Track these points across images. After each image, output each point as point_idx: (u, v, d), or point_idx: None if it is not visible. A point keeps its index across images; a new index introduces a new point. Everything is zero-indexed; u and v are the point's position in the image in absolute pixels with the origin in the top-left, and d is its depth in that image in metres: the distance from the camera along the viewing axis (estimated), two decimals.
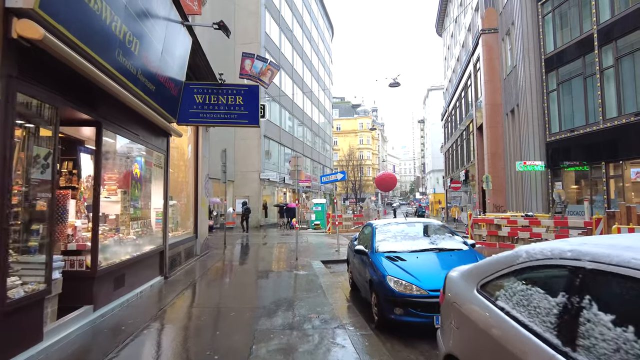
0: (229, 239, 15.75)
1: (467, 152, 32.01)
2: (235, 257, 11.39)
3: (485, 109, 24.56)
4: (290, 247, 13.28)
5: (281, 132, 30.23)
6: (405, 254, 5.13)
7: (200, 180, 10.54)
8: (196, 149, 10.55)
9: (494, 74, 24.20)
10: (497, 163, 23.74)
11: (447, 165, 45.88)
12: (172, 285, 7.18)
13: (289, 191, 32.94)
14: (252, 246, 14.45)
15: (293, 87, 33.68)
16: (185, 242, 9.34)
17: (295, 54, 34.55)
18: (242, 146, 26.49)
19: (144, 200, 6.97)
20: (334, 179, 12.26)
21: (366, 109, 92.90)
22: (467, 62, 29.85)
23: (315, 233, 20.73)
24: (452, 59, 40.67)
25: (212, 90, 7.49)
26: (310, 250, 12.56)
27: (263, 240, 16.31)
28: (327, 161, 48.87)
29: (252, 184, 26.18)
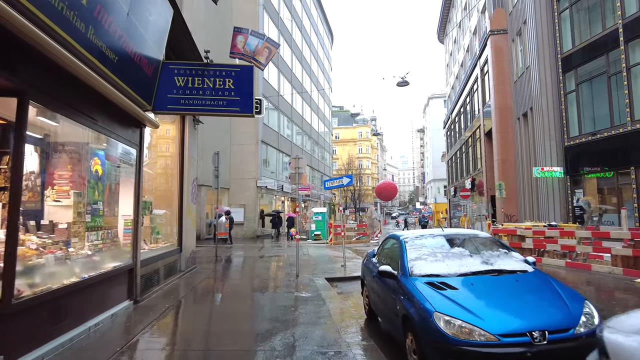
0: (221, 251, 14.27)
1: (473, 159, 30.74)
2: (226, 273, 9.90)
3: (494, 113, 23.35)
4: (290, 261, 11.80)
5: (279, 138, 28.91)
6: (453, 279, 3.70)
7: (187, 184, 9.12)
8: (181, 148, 9.15)
9: (504, 76, 23.06)
10: (507, 170, 22.44)
11: (450, 174, 44.60)
12: (143, 312, 5.70)
13: (287, 200, 31.47)
14: (246, 260, 12.96)
15: (292, 92, 32.47)
16: (165, 256, 7.88)
17: (294, 58, 33.44)
18: (238, 152, 25.12)
19: (109, 205, 5.55)
20: (339, 184, 10.86)
21: (365, 117, 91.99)
22: (473, 66, 28.77)
23: (315, 244, 19.24)
24: (455, 64, 39.67)
25: (196, 71, 6.13)
26: (311, 264, 11.09)
27: (259, 253, 14.81)
28: (326, 169, 47.51)
29: (249, 192, 24.74)
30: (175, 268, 8.61)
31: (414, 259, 4.13)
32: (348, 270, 9.85)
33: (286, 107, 30.80)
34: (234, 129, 25.30)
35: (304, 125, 36.18)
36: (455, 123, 40.08)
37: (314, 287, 7.60)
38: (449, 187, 45.93)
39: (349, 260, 11.07)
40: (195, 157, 10.07)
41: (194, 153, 9.91)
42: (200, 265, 10.73)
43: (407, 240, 4.52)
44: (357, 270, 9.66)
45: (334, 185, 10.99)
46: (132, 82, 5.42)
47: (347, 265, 10.33)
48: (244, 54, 6.20)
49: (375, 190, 53.22)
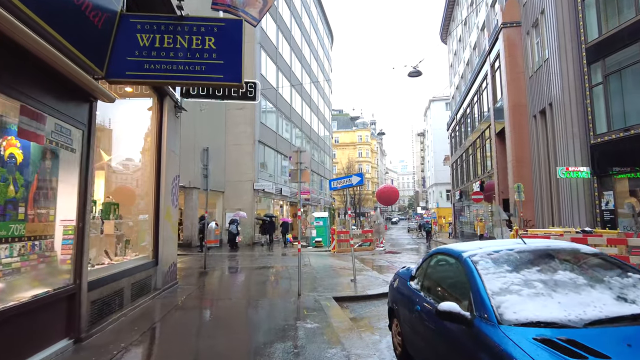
0: (212, 261, 12.63)
1: (482, 161, 29.21)
2: (213, 291, 8.24)
3: (507, 111, 21.86)
4: (289, 273, 10.16)
5: (278, 139, 27.34)
6: (582, 332, 2.08)
7: (165, 183, 7.51)
8: (158, 139, 7.55)
9: (517, 72, 21.60)
10: (522, 171, 20.91)
11: (455, 177, 43.06)
12: (85, 358, 4.06)
13: (286, 204, 29.83)
14: (240, 272, 11.31)
15: (291, 91, 30.96)
16: (134, 271, 6.25)
17: (293, 55, 31.96)
18: (234, 153, 23.52)
19: (37, 206, 3.94)
20: (347, 184, 9.26)
21: (365, 121, 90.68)
22: (482, 62, 27.34)
23: (317, 252, 17.59)
24: (460, 63, 38.29)
25: (166, 27, 4.56)
26: (315, 278, 9.44)
27: (255, 263, 13.16)
28: (326, 173, 45.93)
29: (245, 195, 23.11)
30: (149, 286, 6.97)
31: (499, 291, 2.50)
32: (359, 286, 8.23)
33: (285, 107, 29.27)
34: (229, 127, 23.73)
35: (303, 126, 34.65)
36: (460, 124, 38.62)
37: (321, 313, 5.97)
38: (453, 191, 44.38)
39: (358, 273, 9.45)
40: (177, 151, 8.47)
41: (176, 146, 8.31)
42: (184, 280, 9.08)
43: (476, 260, 2.89)
44: (371, 287, 8.05)
45: (342, 185, 9.39)
46: (75, 37, 3.85)
47: (357, 280, 8.71)
48: (230, 4, 4.63)
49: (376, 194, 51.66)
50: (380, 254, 17.29)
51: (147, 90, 7.40)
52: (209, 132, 21.93)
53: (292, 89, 31.26)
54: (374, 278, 9.26)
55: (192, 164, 20.25)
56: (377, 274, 10.36)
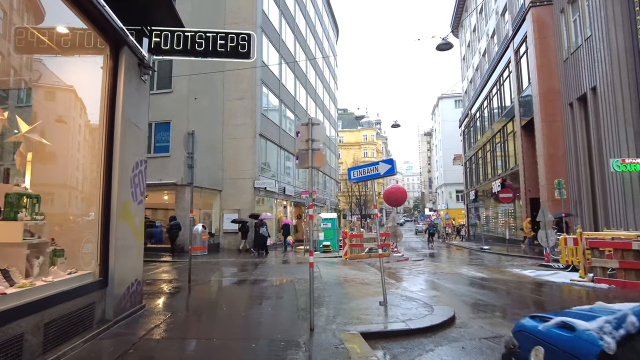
0: (200, 272, 10.36)
1: (503, 157, 26.83)
2: (190, 324, 5.94)
3: (537, 100, 19.53)
4: (295, 289, 7.87)
5: (281, 133, 25.08)
6: None
7: (119, 169, 5.27)
8: (111, 105, 5.31)
9: (549, 55, 19.29)
10: (556, 166, 18.55)
11: (469, 177, 40.64)
12: None
13: (290, 204, 27.56)
14: (231, 289, 9.03)
15: (295, 83, 28.73)
16: (53, 302, 3.99)
17: (297, 45, 29.75)
18: (232, 147, 21.30)
19: None
20: (371, 175, 6.98)
21: (370, 120, 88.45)
22: (504, 49, 25.01)
23: (326, 259, 15.30)
24: (475, 54, 35.94)
25: None
26: (330, 298, 7.13)
27: (251, 274, 10.88)
28: (332, 172, 43.64)
29: (244, 194, 20.87)
30: (91, 318, 4.71)
31: None
32: (395, 313, 5.92)
33: (289, 99, 27.03)
34: (227, 119, 21.52)
35: None
36: (475, 120, 36.26)
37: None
38: (466, 192, 41.94)
39: (391, 292, 7.14)
40: (144, 127, 6.22)
41: (140, 119, 6.06)
42: (155, 302, 6.84)
43: None
44: (410, 314, 5.75)
45: (365, 175, 7.11)
46: None
47: (389, 303, 6.40)
48: None
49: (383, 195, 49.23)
50: (399, 261, 14.96)
51: (99, 40, 5.20)
52: (204, 124, 19.73)
53: (297, 81, 29.03)
54: (408, 299, 6.96)
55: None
56: (408, 290, 8.04)
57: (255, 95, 21.27)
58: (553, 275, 10.31)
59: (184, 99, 18.35)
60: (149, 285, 8.56)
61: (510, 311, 6.56)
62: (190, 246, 8.65)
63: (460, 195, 60.44)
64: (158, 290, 8.13)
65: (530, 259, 15.24)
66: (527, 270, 11.33)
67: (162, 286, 8.72)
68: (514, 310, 6.59)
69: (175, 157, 18.02)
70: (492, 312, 6.50)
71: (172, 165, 17.96)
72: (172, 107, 18.21)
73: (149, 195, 21.23)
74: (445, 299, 7.40)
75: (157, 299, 7.20)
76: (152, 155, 18.40)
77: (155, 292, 7.94)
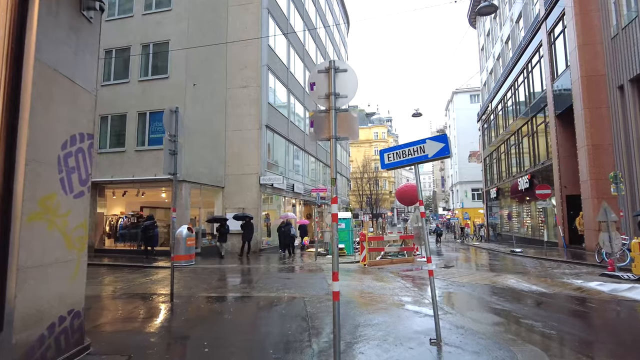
0: (187, 283, 8.44)
1: (532, 151, 24.50)
2: None
3: (578, 85, 17.24)
4: (309, 314, 5.86)
5: (289, 126, 23.10)
6: None
7: (26, 141, 3.31)
8: (16, 41, 3.36)
9: (593, 33, 17.02)
10: (601, 159, 16.28)
11: (489, 173, 38.22)
12: None
13: (299, 203, 25.58)
14: (220, 313, 7.06)
15: (304, 72, 26.72)
16: None
17: (307, 32, 27.75)
18: (236, 140, 19.39)
19: None
20: (417, 157, 4.97)
21: (381, 117, 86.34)
22: (533, 32, 22.70)
23: (340, 264, 13.28)
24: (497, 43, 33.60)
25: None
26: (356, 331, 5.10)
27: (250, 289, 8.92)
28: (343, 169, 41.58)
29: (249, 191, 18.95)
30: None
31: None
32: (453, 356, 3.88)
33: (298, 90, 25.05)
34: (230, 109, 19.62)
35: None
36: (496, 113, 33.89)
37: None
38: (485, 189, 39.51)
39: (424, 313, 5.08)
40: (86, 86, 4.27)
41: (81, 73, 4.12)
42: (107, 337, 4.90)
43: None
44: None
45: (405, 159, 5.10)
46: None
47: (442, 336, 4.37)
48: None
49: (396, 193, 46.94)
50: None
51: None
52: (204, 114, 17.86)
53: (306, 71, 27.02)
54: (467, 331, 4.91)
55: (184, 149, 16.13)
56: (458, 314, 6.00)
57: (260, 83, 19.32)
58: (632, 290, 8.16)
59: (181, 86, 16.49)
60: (111, 308, 6.65)
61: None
62: (172, 254, 6.73)
63: (476, 194, 57.91)
64: (129, 312, 6.21)
65: (580, 265, 13.03)
66: (593, 283, 9.18)
67: (137, 303, 6.80)
68: None
69: None
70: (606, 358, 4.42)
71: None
72: (168, 95, 16.35)
73: (146, 193, 19.55)
74: (516, 329, 5.34)
75: (115, 330, 5.27)
76: (145, 148, 16.60)
77: (119, 317, 6.01)
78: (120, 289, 8.67)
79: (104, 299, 7.64)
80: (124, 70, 17.43)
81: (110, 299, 7.57)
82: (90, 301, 7.00)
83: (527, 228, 25.78)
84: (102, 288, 8.94)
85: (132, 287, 8.82)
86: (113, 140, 17.19)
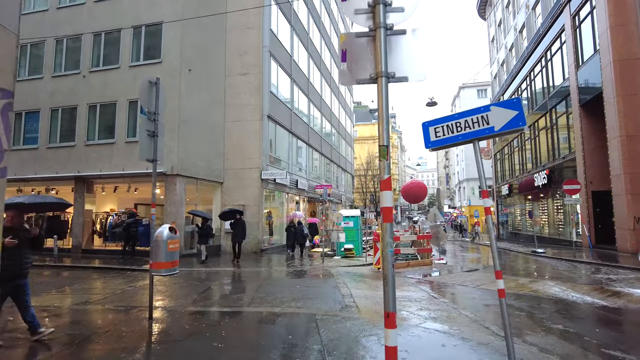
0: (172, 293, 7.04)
1: (551, 145, 23.00)
2: None
3: (608, 70, 15.74)
4: (324, 344, 4.45)
5: (293, 118, 21.68)
6: None
7: None
8: None
9: (626, 13, 15.52)
10: (637, 151, 14.83)
11: (500, 170, 36.71)
12: None
13: (303, 200, 24.17)
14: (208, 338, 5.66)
15: (309, 61, 25.28)
16: None
17: (311, 19, 26.29)
18: (235, 131, 17.99)
19: None
20: (478, 130, 3.54)
21: None
22: (554, 17, 21.17)
23: (350, 268, 11.91)
24: (509, 32, 32.04)
25: None
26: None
27: (247, 301, 7.53)
28: (348, 165, 40.15)
29: (250, 187, 17.56)
30: None
31: None
32: None
33: (302, 79, 23.60)
34: (230, 99, 18.21)
35: (323, 107, 28.92)
36: None
37: None
38: (496, 186, 38.01)
39: (465, 335, 3.66)
40: (11, 26, 2.82)
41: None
42: None
43: None
44: None
45: (462, 133, 3.69)
46: None
47: None
48: None
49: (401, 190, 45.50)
50: (452, 272, 11.43)
51: None
52: (200, 103, 16.48)
53: (310, 61, 25.58)
54: None
55: (176, 143, 14.80)
56: (529, 344, 4.59)
57: (262, 70, 17.90)
58: None
59: (175, 72, 15.09)
60: (73, 326, 5.28)
61: None
62: (150, 260, 5.33)
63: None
64: (80, 340, 4.81)
65: (621, 268, 11.56)
66: None
67: (97, 324, 5.42)
68: None
69: (165, 140, 14.75)
70: None
71: (159, 151, 14.69)
72: (161, 82, 14.89)
73: (139, 189, 18.20)
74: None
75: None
76: (137, 140, 15.16)
77: (74, 342, 4.62)
78: (95, 299, 7.29)
79: (69, 313, 6.26)
80: (114, 55, 16.04)
81: (76, 313, 6.20)
82: (52, 315, 5.63)
83: (543, 226, 24.29)
84: (73, 298, 7.58)
85: (109, 297, 7.45)
86: (102, 131, 15.83)
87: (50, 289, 8.37)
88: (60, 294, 8.01)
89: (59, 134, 16.45)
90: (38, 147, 16.54)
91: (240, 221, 13.75)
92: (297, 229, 16.38)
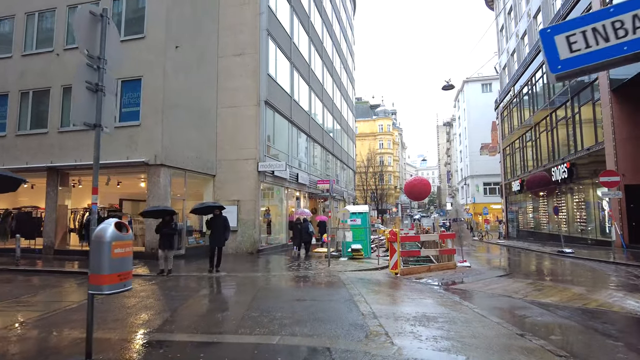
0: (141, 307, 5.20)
1: (573, 136, 21.24)
2: None
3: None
4: None
5: (292, 105, 19.84)
6: None
7: None
8: None
9: None
10: None
11: (510, 165, 34.94)
12: None
13: (304, 196, 22.36)
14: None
15: (310, 46, 23.45)
16: None
17: (312, 4, 24.44)
18: (229, 118, 16.16)
19: None
20: None
21: (386, 109, 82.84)
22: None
23: (361, 272, 10.13)
24: (521, 19, 30.27)
25: None
26: None
27: (237, 324, 5.73)
28: (350, 161, 38.36)
29: (246, 180, 15.75)
30: None
31: None
32: None
33: (302, 65, 21.77)
34: (222, 82, 16.38)
35: (324, 97, 27.09)
36: (520, 97, 30.60)
37: None
38: (504, 182, 36.24)
39: None
40: None
41: None
42: None
43: None
44: None
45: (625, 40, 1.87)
46: None
47: None
48: None
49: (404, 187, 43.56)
50: (484, 278, 9.63)
51: None
52: (189, 85, 14.65)
53: (311, 45, 23.74)
54: None
55: (159, 129, 12.96)
56: None
57: (259, 49, 16.06)
58: None
59: (160, 48, 13.26)
60: None
61: None
62: (89, 271, 3.55)
63: (489, 188, 54.64)
64: None
65: None
66: None
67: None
68: None
69: (147, 126, 12.98)
70: None
71: (143, 138, 12.92)
72: (143, 59, 13.14)
73: (123, 183, 16.37)
74: None
75: None
76: (116, 125, 13.31)
77: None
78: (30, 318, 5.49)
79: None
80: None
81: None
82: None
83: (561, 224, 22.52)
84: (2, 317, 5.76)
85: (49, 317, 5.64)
86: None
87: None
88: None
89: (29, 119, 14.63)
90: (6, 134, 14.72)
91: (221, 218, 10.49)
92: (302, 226, 14.78)
